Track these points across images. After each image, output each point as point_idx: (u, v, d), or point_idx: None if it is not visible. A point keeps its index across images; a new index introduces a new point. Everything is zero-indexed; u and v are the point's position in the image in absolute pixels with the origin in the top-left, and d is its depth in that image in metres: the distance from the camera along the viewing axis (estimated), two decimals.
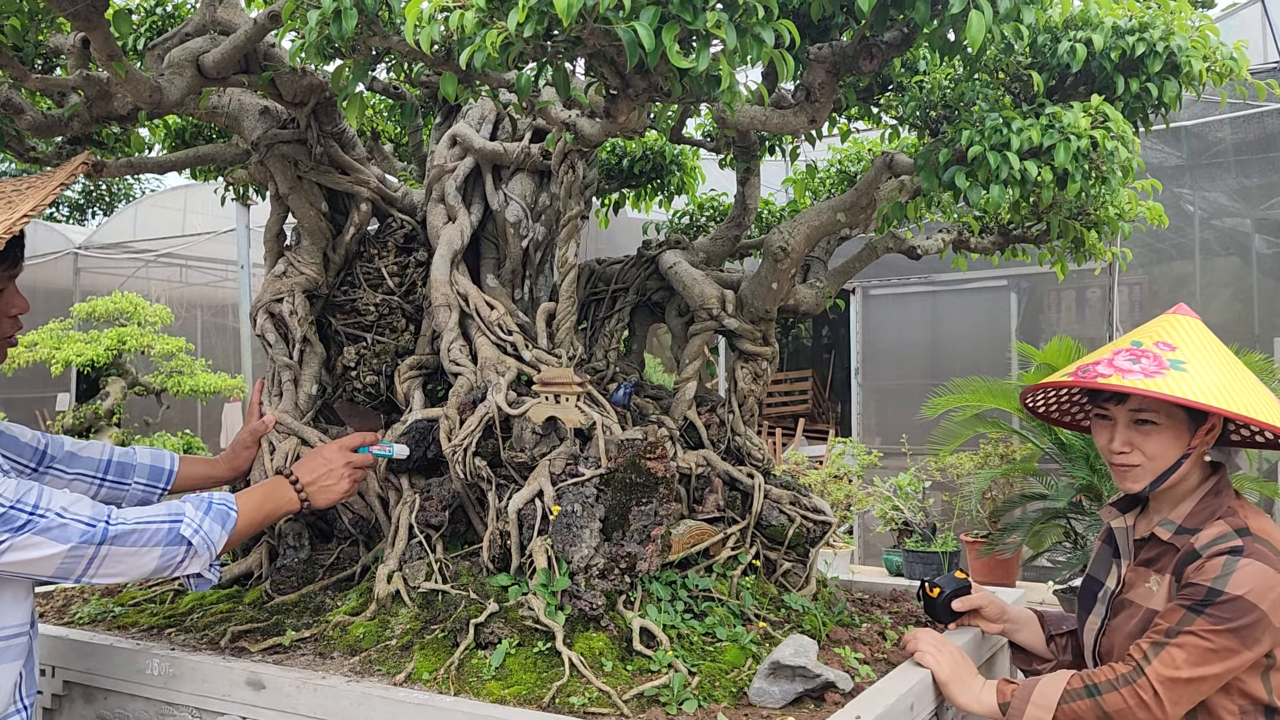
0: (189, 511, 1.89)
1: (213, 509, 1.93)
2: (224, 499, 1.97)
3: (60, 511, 1.75)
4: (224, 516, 1.93)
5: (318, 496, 2.15)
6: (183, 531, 1.86)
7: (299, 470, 2.15)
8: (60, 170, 1.83)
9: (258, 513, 2.04)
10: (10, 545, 1.70)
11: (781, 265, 2.68)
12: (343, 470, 2.18)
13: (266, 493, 2.08)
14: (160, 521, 1.85)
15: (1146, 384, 1.99)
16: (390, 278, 2.81)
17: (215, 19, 2.46)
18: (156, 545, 1.83)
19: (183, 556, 1.87)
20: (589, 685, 1.97)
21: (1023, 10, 1.89)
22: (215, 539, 1.91)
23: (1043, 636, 2.39)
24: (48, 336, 7.43)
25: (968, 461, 5.88)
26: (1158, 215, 3.00)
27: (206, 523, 1.90)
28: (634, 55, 1.47)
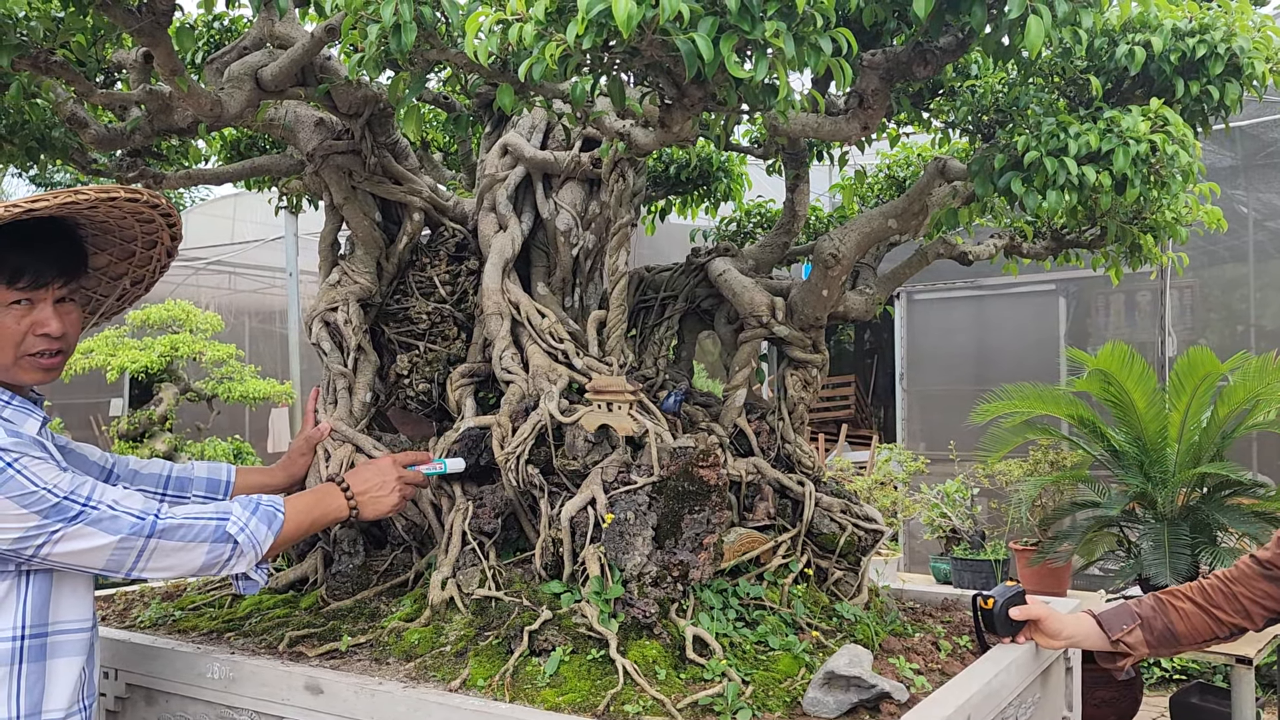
0: (236, 510, 1.93)
1: (260, 509, 1.96)
2: (272, 501, 2.00)
3: (112, 504, 1.79)
4: (271, 518, 1.96)
5: (367, 507, 2.17)
6: (229, 529, 1.89)
7: (351, 479, 2.18)
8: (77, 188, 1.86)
9: (306, 517, 2.06)
10: (63, 535, 1.74)
11: (832, 272, 2.67)
12: (394, 484, 2.20)
13: (317, 498, 2.11)
14: (208, 519, 1.88)
15: None
16: (442, 286, 2.84)
17: (273, 33, 2.51)
18: (203, 541, 1.87)
19: (229, 554, 1.90)
20: (643, 694, 1.97)
21: (1081, 14, 1.87)
22: (261, 539, 1.94)
23: (1105, 639, 2.32)
24: (103, 343, 7.59)
25: (1017, 468, 5.79)
26: (1216, 219, 2.95)
27: (253, 522, 1.93)
28: (692, 66, 1.48)
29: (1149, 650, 2.30)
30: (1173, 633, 2.27)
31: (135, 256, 2.13)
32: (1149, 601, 2.31)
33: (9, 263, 1.82)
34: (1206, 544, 4.40)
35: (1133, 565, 4.64)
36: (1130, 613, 2.31)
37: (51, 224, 1.91)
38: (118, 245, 2.09)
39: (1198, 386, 4.52)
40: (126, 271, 2.16)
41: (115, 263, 2.13)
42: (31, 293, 1.85)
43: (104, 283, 2.17)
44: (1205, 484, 4.60)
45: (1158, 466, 4.63)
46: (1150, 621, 2.28)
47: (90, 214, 1.94)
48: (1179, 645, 2.28)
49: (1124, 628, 2.30)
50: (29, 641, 1.80)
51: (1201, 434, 4.57)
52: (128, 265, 2.15)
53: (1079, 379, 5.16)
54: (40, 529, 1.73)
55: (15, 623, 1.79)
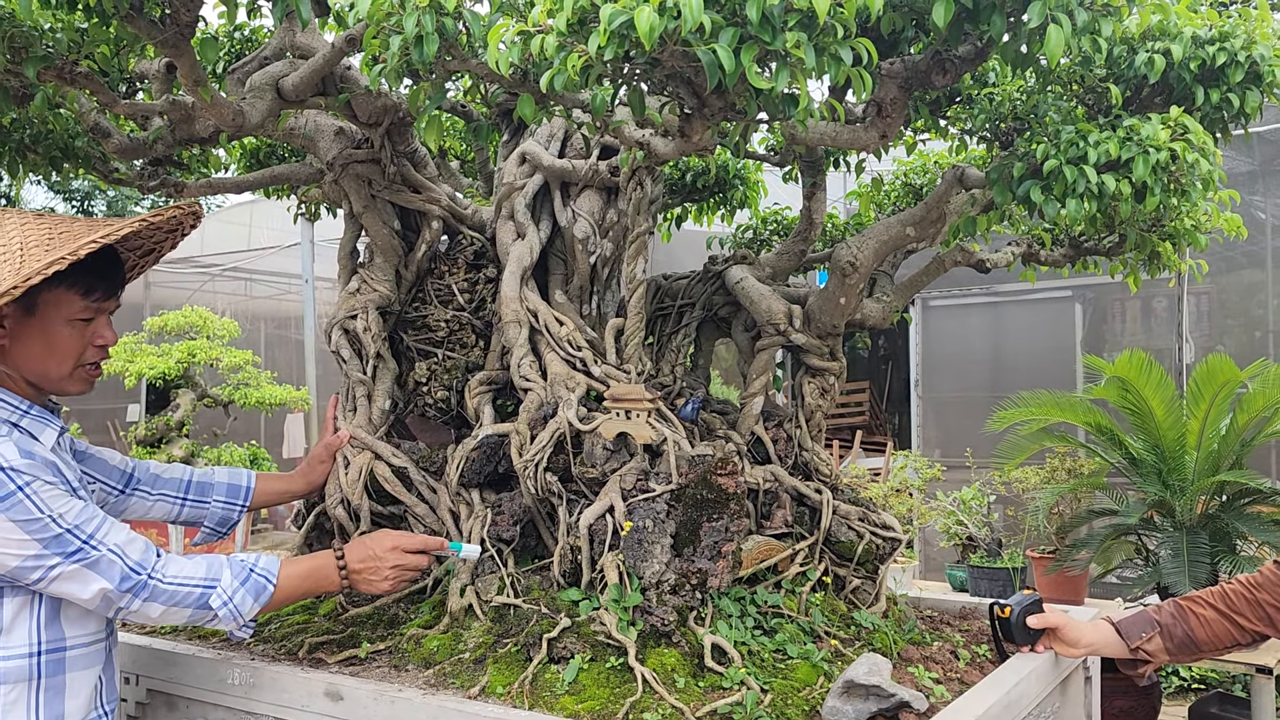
0: (225, 580, 1.93)
1: (251, 580, 1.96)
2: (266, 569, 1.99)
3: (112, 549, 1.80)
4: (260, 590, 1.97)
5: (360, 585, 2.17)
6: (211, 602, 1.91)
7: (349, 553, 2.16)
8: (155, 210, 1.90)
9: (299, 589, 2.07)
10: (60, 574, 1.76)
11: (850, 280, 2.67)
12: (388, 571, 2.17)
13: (310, 571, 2.10)
14: (193, 585, 1.89)
15: None
16: (460, 294, 2.85)
17: (294, 43, 2.53)
18: (187, 607, 1.90)
19: (209, 619, 1.94)
20: (662, 701, 1.97)
21: (1101, 23, 1.87)
22: (245, 610, 1.95)
23: (1125, 647, 2.30)
24: (121, 350, 7.64)
25: (1033, 476, 5.77)
26: (1235, 226, 2.94)
27: (240, 595, 1.94)
28: (714, 76, 1.48)
29: (1169, 658, 2.27)
30: (1193, 640, 2.25)
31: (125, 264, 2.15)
32: (1169, 608, 2.29)
33: (84, 277, 1.85)
34: (1226, 552, 4.37)
35: (1151, 573, 4.61)
36: (1149, 620, 2.29)
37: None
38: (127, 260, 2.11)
39: (1216, 394, 4.50)
40: None
41: None
42: (101, 305, 1.90)
43: None
44: (1224, 492, 4.57)
45: (1176, 474, 4.61)
46: (1170, 629, 2.26)
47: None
48: (1199, 652, 2.26)
49: (1143, 635, 2.28)
50: (46, 657, 1.81)
51: (1220, 441, 4.55)
52: None
53: (1096, 386, 5.14)
54: (38, 560, 1.73)
55: (30, 639, 1.80)
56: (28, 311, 1.83)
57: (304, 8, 1.98)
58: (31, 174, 2.78)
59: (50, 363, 1.87)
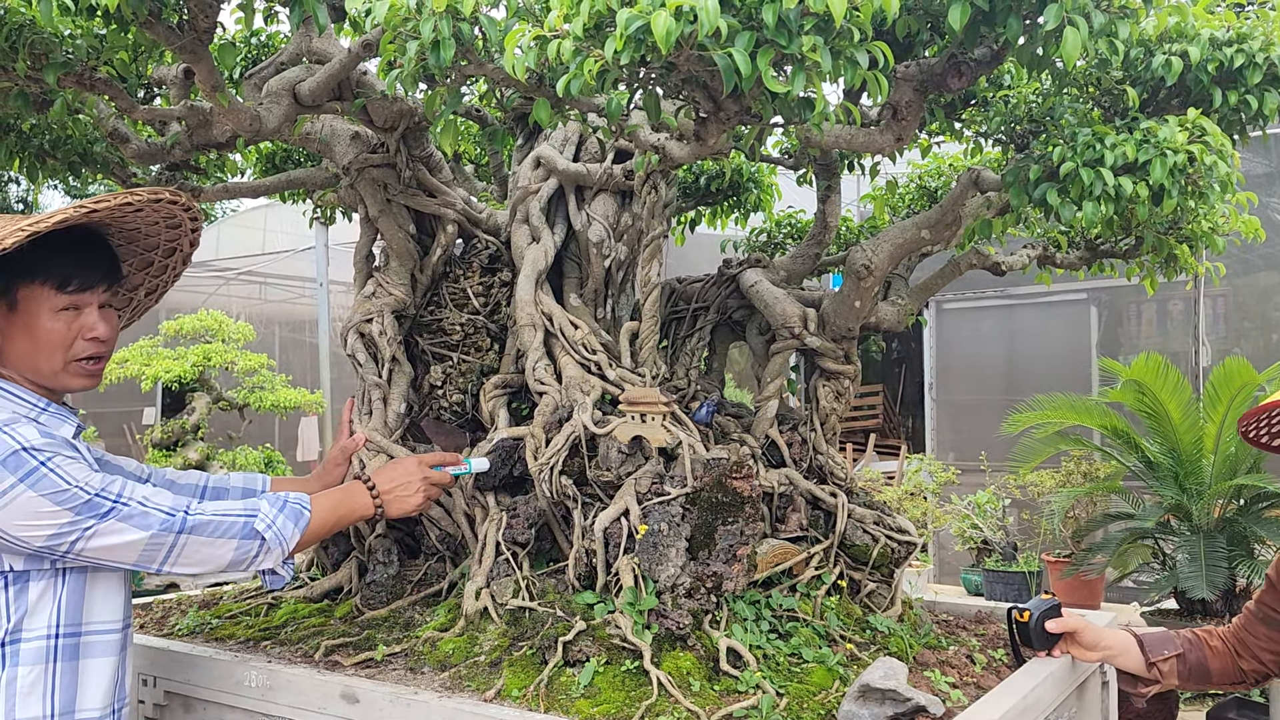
0: (264, 508, 1.94)
1: (287, 507, 1.97)
2: (299, 498, 2.01)
3: (142, 500, 1.81)
4: (298, 515, 1.97)
5: (392, 505, 2.16)
6: (256, 525, 1.91)
7: (377, 478, 2.18)
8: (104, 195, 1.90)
9: (332, 514, 2.06)
10: (96, 531, 1.76)
11: (865, 283, 2.66)
12: (420, 484, 2.19)
13: (342, 496, 2.11)
14: (236, 515, 1.90)
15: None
16: (475, 298, 2.86)
17: (310, 49, 2.54)
18: (232, 538, 1.88)
19: (257, 550, 1.92)
20: (677, 705, 1.97)
21: (1118, 25, 1.86)
22: (288, 535, 1.95)
23: (1143, 661, 2.27)
24: (137, 353, 7.68)
25: (1049, 479, 5.75)
26: (1254, 229, 2.92)
27: (280, 519, 1.94)
28: (730, 80, 1.48)
29: (1178, 682, 2.25)
30: (1206, 669, 2.23)
31: (153, 266, 2.16)
32: (1186, 635, 2.27)
33: (57, 269, 1.86)
34: (1244, 557, 4.35)
35: (1168, 578, 4.59)
36: (1173, 640, 2.26)
37: (89, 232, 1.95)
38: (139, 255, 2.12)
39: (1234, 397, 4.48)
40: (142, 282, 2.19)
41: (133, 273, 2.17)
42: (79, 296, 1.89)
43: (120, 294, 2.21)
44: (1242, 496, 4.55)
45: (1193, 478, 4.59)
46: (1187, 654, 2.24)
47: (122, 221, 1.97)
48: (1211, 681, 2.24)
49: (1164, 653, 2.25)
50: (62, 641, 1.82)
51: (1238, 445, 4.52)
52: (144, 275, 2.18)
53: (1112, 389, 5.12)
54: (73, 525, 1.75)
55: (50, 621, 1.81)
56: (11, 309, 1.86)
57: (320, 13, 1.99)
58: (50, 179, 2.80)
59: (39, 357, 1.88)
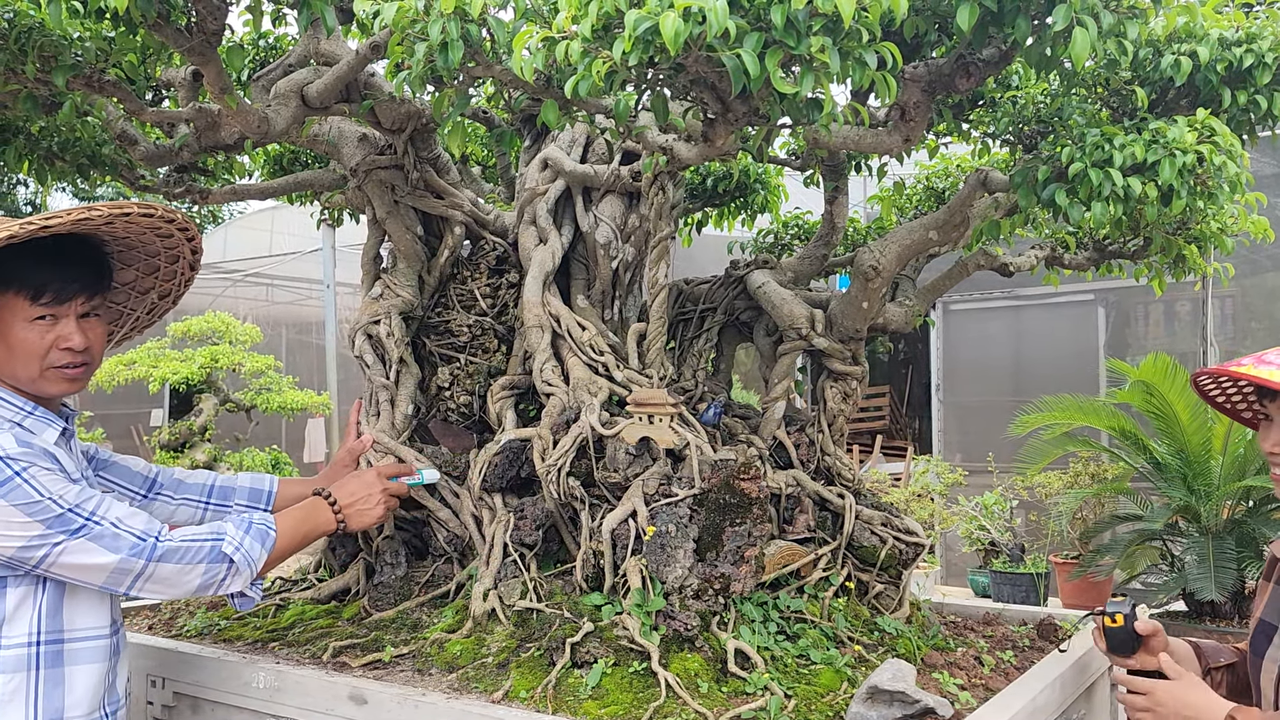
0: (230, 531, 1.95)
1: (253, 528, 1.98)
2: (264, 519, 2.02)
3: (115, 521, 1.81)
4: (264, 535, 1.99)
5: (353, 519, 2.19)
6: (224, 549, 1.91)
7: (337, 492, 2.20)
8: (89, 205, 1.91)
9: (297, 532, 2.08)
10: (65, 548, 1.76)
11: (872, 284, 2.66)
12: (379, 496, 2.22)
13: (306, 513, 2.13)
14: (204, 540, 1.90)
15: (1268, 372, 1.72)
16: (483, 299, 2.86)
17: (318, 50, 2.54)
18: (200, 562, 1.89)
19: (224, 574, 1.93)
20: (685, 706, 1.97)
21: (1126, 25, 1.86)
22: (255, 557, 1.96)
23: (1199, 669, 2.11)
24: (145, 355, 7.70)
25: (1056, 480, 5.74)
26: (1263, 229, 2.91)
27: (247, 541, 1.95)
28: (738, 81, 1.48)
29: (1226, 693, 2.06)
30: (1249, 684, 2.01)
31: (160, 271, 2.16)
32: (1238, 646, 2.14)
33: (32, 279, 1.86)
34: (1253, 558, 4.33)
35: (1176, 579, 4.57)
36: (1227, 650, 2.12)
37: (74, 241, 1.95)
38: (143, 260, 2.13)
39: None
40: (154, 285, 2.20)
41: (142, 277, 2.17)
42: (55, 308, 1.89)
43: (133, 296, 2.21)
44: (1251, 497, 4.53)
45: (1201, 479, 4.57)
46: (1237, 666, 2.10)
47: (110, 230, 1.97)
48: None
49: (1220, 660, 2.10)
50: (44, 648, 1.82)
51: (1247, 446, 4.51)
52: (154, 279, 2.18)
53: (1120, 390, 5.11)
54: (43, 539, 1.75)
55: (30, 629, 1.81)
56: None
57: (328, 15, 1.99)
58: (59, 181, 2.81)
59: (16, 365, 1.89)
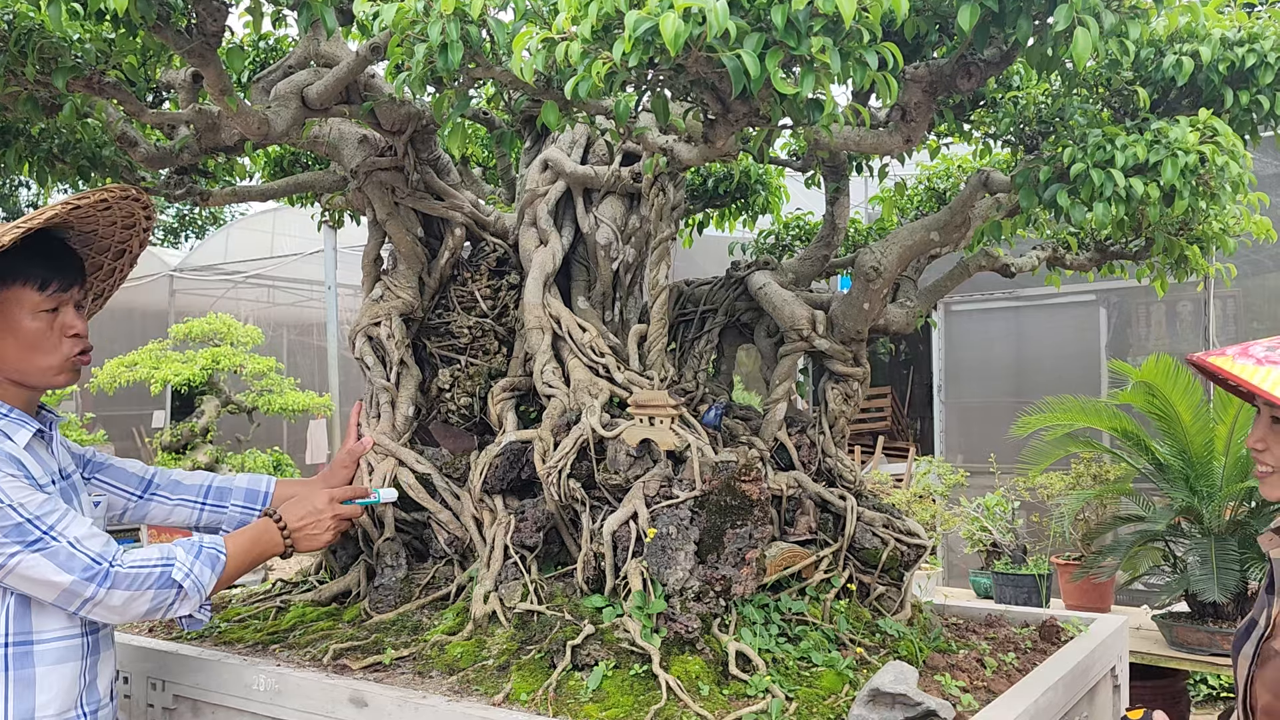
0: (180, 555, 1.94)
1: (203, 553, 1.97)
2: (214, 542, 2.02)
3: (73, 541, 1.81)
4: (214, 560, 1.98)
5: (302, 542, 2.19)
6: (174, 575, 1.91)
7: (286, 515, 2.19)
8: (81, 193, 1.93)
9: (247, 556, 2.08)
10: (20, 560, 1.77)
11: (874, 285, 2.66)
12: (329, 521, 2.21)
13: (255, 536, 2.12)
14: (154, 565, 1.90)
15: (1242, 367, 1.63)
16: (483, 301, 2.85)
17: (318, 52, 2.54)
18: (149, 588, 1.89)
19: (173, 599, 1.92)
20: (686, 709, 1.96)
21: (1128, 25, 1.85)
22: (205, 582, 1.96)
23: None
24: (147, 357, 7.70)
25: (1058, 482, 5.71)
26: (1265, 230, 2.91)
27: (197, 566, 1.95)
28: (739, 82, 1.48)
29: None
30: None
31: (101, 270, 2.17)
32: None
33: (36, 271, 1.89)
34: (1256, 560, 4.31)
35: (1179, 581, 4.56)
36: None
37: (54, 236, 1.97)
38: (89, 259, 2.13)
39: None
40: (90, 285, 2.20)
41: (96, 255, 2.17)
42: (59, 296, 1.92)
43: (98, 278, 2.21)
44: (1253, 498, 4.51)
45: (1204, 480, 4.56)
46: None
47: (84, 222, 1.99)
48: None
49: None
50: (13, 649, 1.83)
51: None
52: (93, 280, 2.19)
53: (1122, 391, 5.09)
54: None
55: (2, 631, 1.82)
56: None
57: (328, 17, 1.99)
58: (59, 183, 2.81)
59: (35, 357, 1.90)
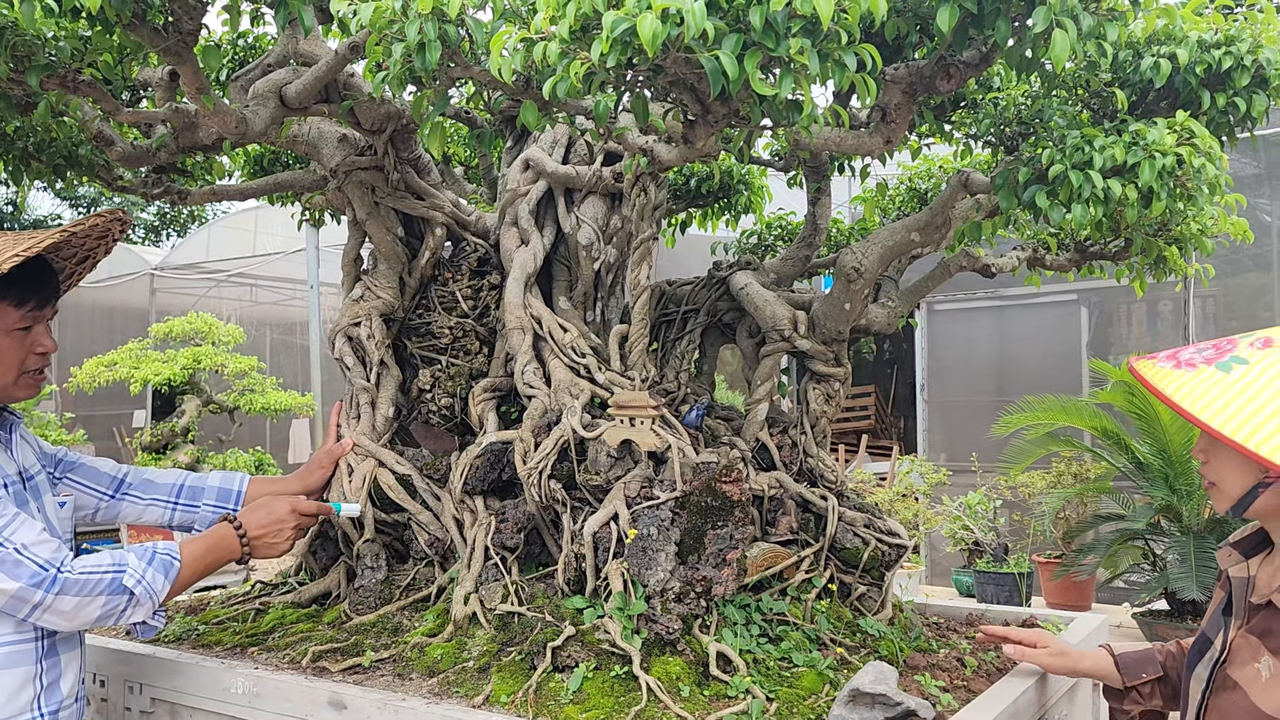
0: (132, 562, 1.92)
1: (156, 559, 1.95)
2: (168, 549, 1.99)
3: (20, 548, 1.79)
4: (167, 566, 1.96)
5: (260, 550, 2.18)
6: (125, 581, 1.89)
7: (247, 522, 2.18)
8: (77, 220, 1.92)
9: (202, 562, 2.06)
10: None
11: (855, 286, 2.66)
12: (290, 531, 2.21)
13: (212, 543, 2.11)
14: (104, 571, 1.88)
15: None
16: (464, 301, 2.84)
17: (296, 51, 2.53)
18: (100, 594, 1.87)
19: (125, 605, 1.91)
20: (667, 710, 1.96)
21: (1106, 27, 1.86)
22: (158, 588, 1.94)
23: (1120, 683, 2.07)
24: (126, 356, 7.66)
25: (1039, 480, 5.76)
26: (1242, 230, 2.93)
27: (149, 573, 1.93)
28: (717, 83, 1.48)
29: (1162, 704, 2.04)
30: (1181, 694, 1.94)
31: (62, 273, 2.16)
32: (1172, 650, 2.06)
33: (14, 290, 1.88)
34: None
35: (1159, 579, 4.59)
36: (1154, 661, 2.05)
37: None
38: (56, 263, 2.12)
39: None
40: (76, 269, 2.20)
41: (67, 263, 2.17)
42: (36, 314, 1.92)
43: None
44: None
45: (1183, 479, 4.60)
46: (1170, 674, 2.03)
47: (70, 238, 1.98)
48: None
49: (1142, 676, 2.05)
50: None
51: None
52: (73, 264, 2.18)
53: (1102, 390, 5.13)
54: None
55: None
56: None
57: (307, 15, 1.97)
58: (36, 181, 2.78)
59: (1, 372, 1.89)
